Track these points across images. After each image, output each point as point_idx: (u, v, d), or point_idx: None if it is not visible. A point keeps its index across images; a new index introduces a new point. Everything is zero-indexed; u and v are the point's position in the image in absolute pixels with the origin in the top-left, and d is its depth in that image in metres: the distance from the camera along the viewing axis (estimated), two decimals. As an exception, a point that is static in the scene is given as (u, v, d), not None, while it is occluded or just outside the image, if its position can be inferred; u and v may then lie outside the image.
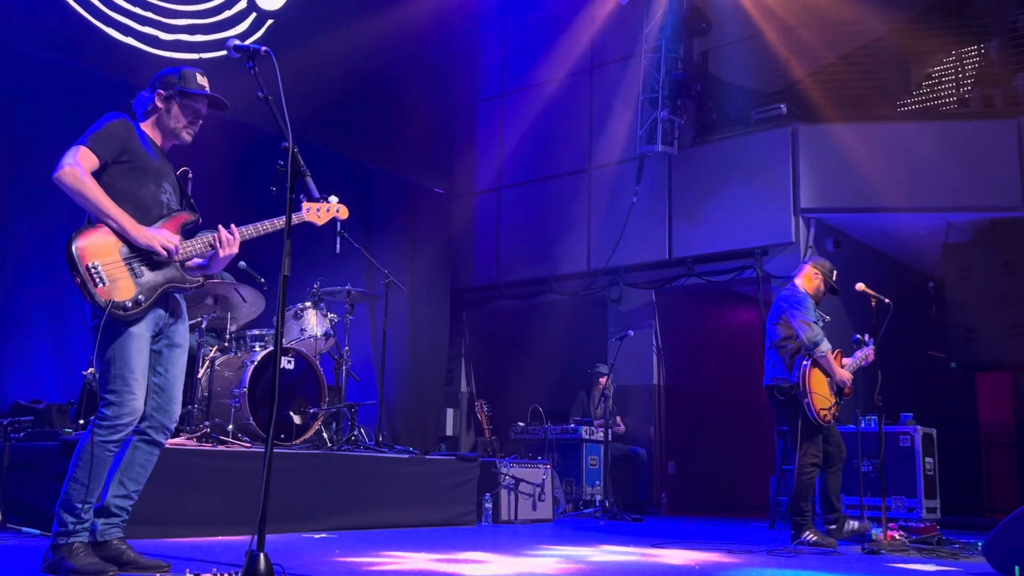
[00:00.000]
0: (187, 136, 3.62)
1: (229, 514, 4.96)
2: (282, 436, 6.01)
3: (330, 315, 6.81)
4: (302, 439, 6.10)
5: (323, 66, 9.05)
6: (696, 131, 9.82)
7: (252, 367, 5.95)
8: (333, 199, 3.75)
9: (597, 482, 8.60)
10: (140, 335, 3.34)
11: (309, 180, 3.09)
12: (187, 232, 3.55)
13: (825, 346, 5.58)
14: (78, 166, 3.26)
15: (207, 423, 5.72)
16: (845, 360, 5.87)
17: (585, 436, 8.68)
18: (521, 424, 9.03)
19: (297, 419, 6.14)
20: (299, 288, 6.89)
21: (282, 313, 2.99)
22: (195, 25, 8.07)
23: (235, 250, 3.54)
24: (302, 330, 6.62)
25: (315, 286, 6.82)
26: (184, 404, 5.82)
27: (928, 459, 7.16)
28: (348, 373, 6.85)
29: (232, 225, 3.54)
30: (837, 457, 5.79)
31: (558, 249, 10.62)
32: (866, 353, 5.97)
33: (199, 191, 5.84)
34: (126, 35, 7.54)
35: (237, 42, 3.23)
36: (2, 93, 6.68)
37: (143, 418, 3.41)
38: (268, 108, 3.12)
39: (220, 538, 4.82)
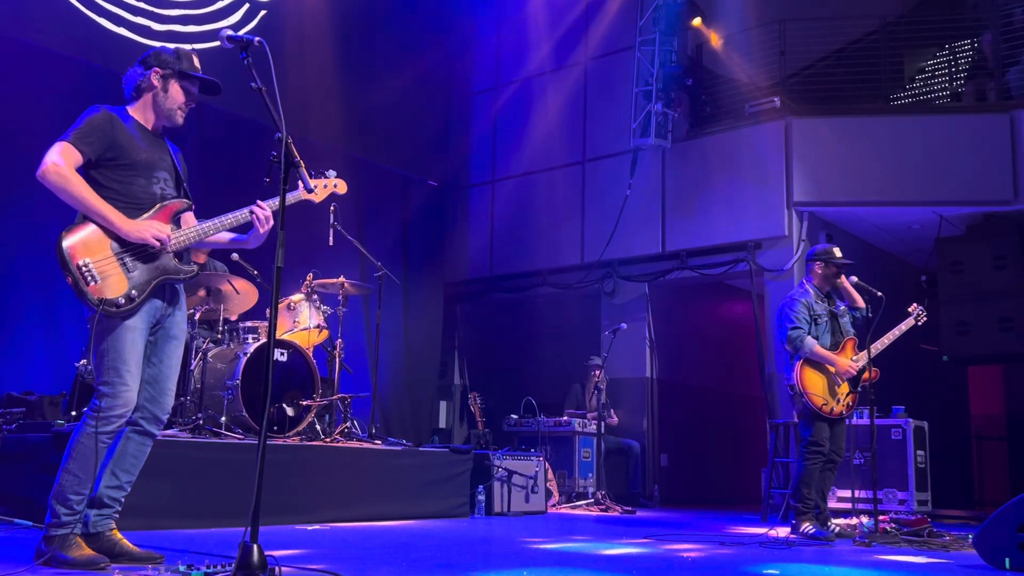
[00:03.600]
0: (180, 118, 3.55)
1: (222, 506, 4.96)
2: (275, 428, 6.01)
3: (323, 307, 6.80)
4: (295, 431, 6.10)
5: (315, 57, 9.02)
6: (690, 124, 9.83)
7: (245, 359, 5.94)
8: (331, 173, 3.72)
9: (590, 474, 8.62)
10: (135, 327, 3.32)
11: (303, 171, 3.08)
12: (180, 219, 3.51)
13: (808, 344, 5.63)
14: (61, 162, 3.22)
15: (200, 415, 5.71)
16: (887, 338, 5.90)
17: (578, 429, 8.69)
18: (514, 417, 9.04)
19: (290, 411, 6.14)
20: (292, 280, 6.88)
21: (275, 305, 2.98)
22: (188, 15, 8.04)
23: (271, 224, 3.49)
24: (295, 322, 6.61)
25: (308, 278, 6.81)
26: (177, 396, 5.84)
27: (919, 452, 7.20)
28: (341, 365, 6.84)
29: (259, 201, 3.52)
30: (831, 456, 5.78)
31: (552, 242, 10.62)
32: (907, 322, 6.02)
33: (192, 182, 5.80)
34: (118, 25, 7.51)
35: (230, 32, 3.20)
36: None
37: (135, 409, 3.40)
38: (261, 99, 3.10)
39: (213, 530, 4.82)
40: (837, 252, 5.92)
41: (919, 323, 6.06)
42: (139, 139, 3.45)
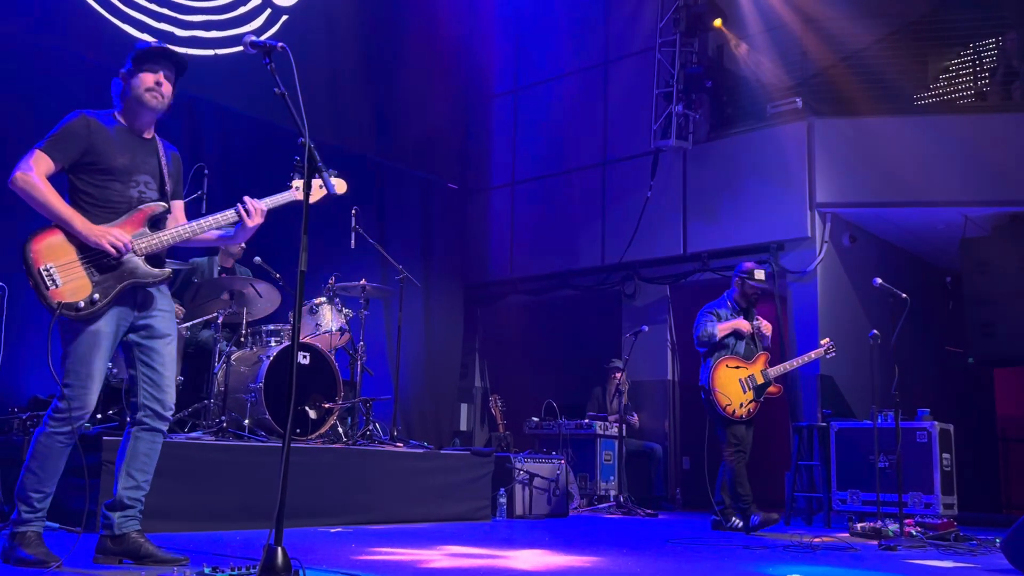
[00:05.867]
0: (152, 99, 3.49)
1: (245, 508, 4.99)
2: (297, 431, 6.03)
3: (345, 310, 6.82)
4: (317, 434, 6.13)
5: (336, 62, 9.07)
6: (711, 125, 9.78)
7: (268, 362, 5.97)
8: (331, 172, 3.73)
9: (611, 477, 8.60)
10: (99, 331, 3.35)
11: (326, 175, 3.09)
12: (157, 222, 3.52)
13: (712, 326, 6.17)
14: (30, 170, 3.29)
15: (223, 418, 5.75)
16: (795, 361, 6.46)
17: (599, 431, 8.67)
18: (535, 419, 9.03)
19: (312, 414, 6.16)
20: (314, 283, 6.91)
21: (299, 308, 2.99)
22: (210, 21, 8.10)
23: (260, 220, 3.57)
24: (317, 325, 6.64)
25: (330, 281, 6.84)
26: (200, 399, 5.91)
27: (945, 455, 7.12)
28: (363, 368, 6.87)
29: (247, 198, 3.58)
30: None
31: (572, 244, 10.60)
32: (817, 351, 6.52)
33: (214, 187, 5.86)
34: (142, 32, 7.58)
35: (253, 38, 3.21)
36: (20, 89, 6.71)
37: (138, 408, 3.46)
38: (283, 104, 3.11)
39: (236, 532, 4.84)
40: (757, 274, 6.36)
41: (827, 356, 6.50)
42: (119, 143, 3.48)
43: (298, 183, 3.65)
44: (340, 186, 3.72)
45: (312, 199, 3.62)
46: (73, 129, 3.42)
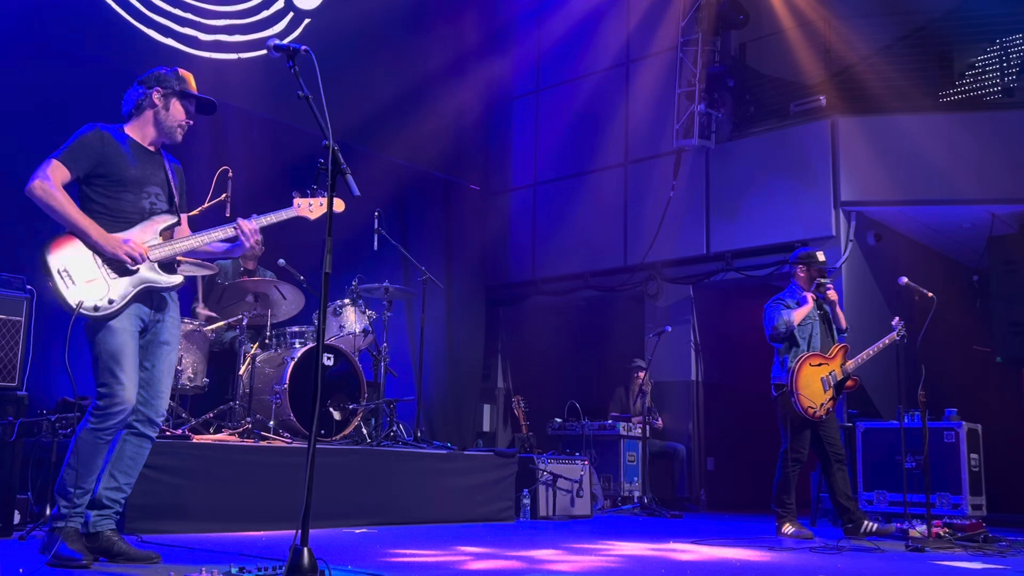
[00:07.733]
0: (180, 136, 3.71)
1: (270, 509, 5.02)
2: (322, 432, 6.06)
3: (368, 312, 6.85)
4: (341, 435, 6.15)
5: (358, 64, 9.10)
6: (734, 124, 9.74)
7: (292, 364, 6.01)
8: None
9: (635, 478, 8.57)
10: (124, 329, 3.44)
11: (350, 178, 3.10)
12: (166, 232, 3.62)
13: (787, 314, 5.92)
14: (47, 179, 3.38)
15: (248, 419, 5.79)
16: (871, 350, 6.10)
17: (623, 432, 8.65)
18: (558, 420, 9.02)
19: (336, 415, 6.19)
20: (337, 285, 6.93)
21: (324, 310, 3.00)
22: (234, 25, 8.15)
23: (258, 237, 3.70)
24: (341, 327, 6.67)
25: (353, 283, 6.87)
26: (225, 400, 5.95)
27: (973, 455, 7.04)
28: (386, 369, 6.89)
29: (254, 216, 3.69)
30: (834, 457, 5.97)
31: (594, 245, 10.58)
32: (890, 336, 6.14)
33: (237, 189, 5.90)
34: (166, 36, 7.64)
35: (277, 42, 3.25)
36: (47, 95, 6.79)
37: (131, 412, 3.50)
38: (306, 107, 3.13)
39: (262, 533, 4.87)
40: (820, 256, 6.21)
41: (900, 338, 6.15)
42: (131, 156, 3.59)
43: (300, 200, 3.75)
44: (338, 204, 3.76)
45: (313, 216, 3.71)
46: (87, 141, 3.53)
